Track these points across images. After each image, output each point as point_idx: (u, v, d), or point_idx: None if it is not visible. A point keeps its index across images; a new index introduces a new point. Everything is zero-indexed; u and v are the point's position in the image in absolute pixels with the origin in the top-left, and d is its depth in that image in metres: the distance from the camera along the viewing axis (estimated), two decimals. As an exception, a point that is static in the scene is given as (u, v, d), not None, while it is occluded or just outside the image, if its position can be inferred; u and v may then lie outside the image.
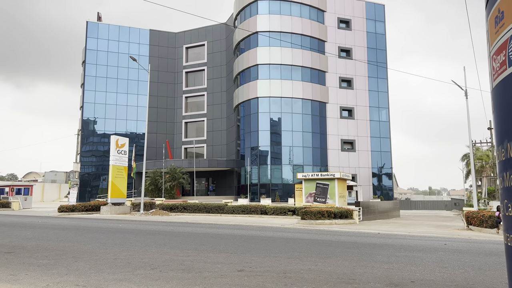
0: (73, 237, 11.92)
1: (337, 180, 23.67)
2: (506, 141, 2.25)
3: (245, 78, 40.57)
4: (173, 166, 40.43)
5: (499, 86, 2.37)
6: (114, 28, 50.54)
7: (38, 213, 27.53)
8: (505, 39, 2.31)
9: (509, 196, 2.24)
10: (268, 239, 11.79)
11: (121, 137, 29.42)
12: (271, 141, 38.40)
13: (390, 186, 42.61)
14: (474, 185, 24.22)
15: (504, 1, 2.35)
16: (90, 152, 49.01)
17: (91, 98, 48.34)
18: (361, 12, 43.29)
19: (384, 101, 42.75)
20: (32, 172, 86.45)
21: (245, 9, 41.08)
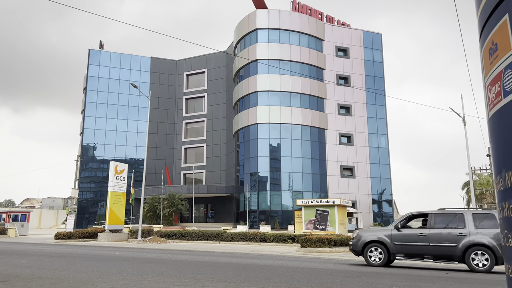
0: (69, 265, 11.73)
1: (337, 207, 23.51)
2: (504, 171, 2.25)
3: (244, 104, 40.93)
4: (172, 192, 40.21)
5: (495, 116, 2.39)
6: (116, 56, 51.36)
7: (34, 240, 27.17)
8: (499, 70, 2.35)
9: (508, 226, 2.23)
10: (267, 268, 11.60)
11: (120, 163, 29.37)
12: (271, 167, 38.36)
13: (390, 213, 42.27)
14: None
15: (498, 33, 2.41)
16: (88, 178, 48.84)
17: (91, 124, 48.59)
18: (358, 41, 44.14)
19: (383, 128, 42.99)
20: (29, 198, 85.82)
21: (245, 37, 41.90)
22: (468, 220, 11.77)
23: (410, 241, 12.04)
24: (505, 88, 2.27)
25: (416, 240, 11.97)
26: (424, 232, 12.03)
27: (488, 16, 2.54)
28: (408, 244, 12.09)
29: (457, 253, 11.51)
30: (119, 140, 49.18)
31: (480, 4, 2.65)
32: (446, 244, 11.69)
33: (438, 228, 12.00)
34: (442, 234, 11.85)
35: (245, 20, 42.13)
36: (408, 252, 12.08)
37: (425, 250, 11.88)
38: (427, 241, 11.89)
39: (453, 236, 11.66)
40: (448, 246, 11.65)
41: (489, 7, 2.50)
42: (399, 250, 12.20)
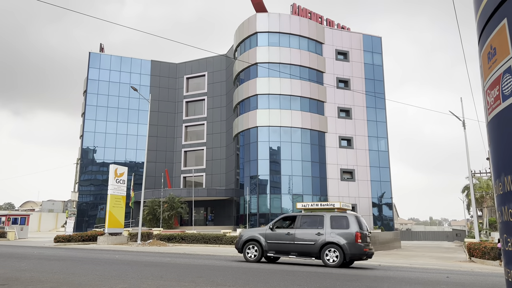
0: (68, 268, 11.70)
1: (337, 210, 23.44)
2: (503, 175, 2.25)
3: (244, 107, 40.96)
4: (172, 195, 40.18)
5: (494, 120, 2.40)
6: (116, 59, 51.45)
7: (34, 243, 27.12)
8: (498, 74, 2.36)
9: (508, 230, 2.23)
10: (267, 271, 11.58)
11: (120, 166, 29.39)
12: (271, 170, 38.34)
13: (390, 217, 42.21)
14: (475, 216, 24.02)
15: (496, 37, 2.42)
16: (88, 181, 48.82)
17: (91, 127, 48.61)
18: (358, 44, 44.22)
19: (383, 131, 43.00)
20: (29, 201, 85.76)
21: (245, 41, 41.98)
22: (326, 222, 13.44)
23: (280, 239, 13.59)
24: (504, 92, 2.28)
25: (284, 239, 13.53)
26: (291, 232, 13.68)
27: (486, 21, 2.55)
28: (278, 242, 13.63)
29: (315, 250, 13.11)
30: (119, 143, 49.18)
31: (478, 8, 2.66)
32: (307, 242, 13.31)
33: (303, 229, 13.69)
34: (304, 234, 13.50)
35: (245, 23, 42.23)
36: (278, 249, 13.63)
37: (291, 247, 13.48)
38: (293, 240, 13.50)
39: (313, 236, 13.30)
40: (308, 244, 13.26)
41: (487, 12, 2.51)
42: (271, 247, 13.72)
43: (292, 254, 13.58)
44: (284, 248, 13.54)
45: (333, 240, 12.94)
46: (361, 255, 13.02)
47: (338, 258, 12.80)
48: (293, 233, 13.61)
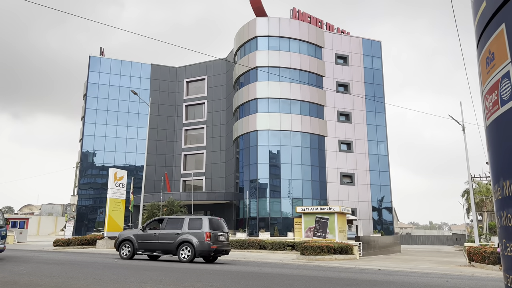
0: (67, 272, 11.67)
1: (336, 214, 23.44)
2: (502, 180, 2.25)
3: (244, 111, 40.99)
4: (171, 199, 40.11)
5: (492, 125, 2.40)
6: (116, 63, 51.52)
7: (33, 247, 27.04)
8: (497, 79, 2.36)
9: (507, 235, 2.22)
10: (266, 276, 11.54)
11: (119, 170, 29.33)
12: (270, 174, 38.31)
13: (390, 221, 42.15)
14: (475, 221, 23.99)
15: (494, 42, 2.42)
16: (88, 184, 48.76)
17: (91, 131, 48.60)
18: (358, 48, 44.33)
19: (383, 135, 43.02)
20: (28, 205, 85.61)
21: (245, 45, 42.07)
22: (185, 223, 15.39)
23: (148, 239, 15.52)
24: (502, 97, 2.28)
25: (151, 239, 15.38)
26: (156, 233, 15.66)
27: (485, 26, 2.56)
28: (146, 242, 15.57)
29: (173, 248, 15.10)
30: (119, 146, 49.17)
31: (476, 13, 2.67)
32: (168, 241, 15.24)
33: (166, 230, 15.61)
34: (167, 234, 15.43)
35: (245, 27, 42.34)
36: (146, 248, 15.53)
37: (156, 246, 15.39)
38: (157, 239, 15.43)
39: (173, 236, 15.26)
40: (169, 243, 15.20)
41: (485, 17, 2.51)
42: (140, 246, 15.65)
43: (157, 252, 15.47)
44: (151, 247, 15.41)
45: (187, 239, 14.98)
46: (209, 252, 14.96)
47: (190, 254, 14.81)
48: (158, 234, 15.63)
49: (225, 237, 15.92)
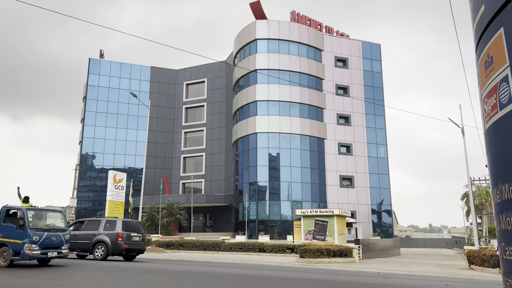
0: (66, 275, 11.64)
1: (336, 217, 23.44)
2: (501, 183, 2.25)
3: (244, 114, 41.01)
4: (171, 201, 40.08)
5: (491, 129, 2.40)
6: (116, 65, 51.57)
7: (31, 249, 26.90)
8: (495, 83, 2.37)
9: (506, 239, 2.22)
10: (265, 279, 11.52)
11: (119, 172, 29.35)
12: (270, 176, 38.29)
13: (390, 223, 42.11)
14: (474, 224, 23.98)
15: (493, 46, 2.43)
16: (87, 187, 48.70)
17: (90, 133, 48.58)
18: (357, 51, 44.40)
19: (382, 138, 43.04)
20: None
21: (245, 47, 42.13)
22: (102, 225, 17.22)
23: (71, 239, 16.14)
24: (501, 101, 2.29)
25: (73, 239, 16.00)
26: (77, 233, 17.20)
27: (483, 30, 2.57)
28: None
29: (90, 247, 16.87)
30: (118, 149, 49.14)
31: (475, 17, 2.68)
32: (85, 241, 16.95)
33: (86, 230, 17.41)
34: (85, 235, 17.16)
35: (245, 30, 42.41)
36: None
37: (76, 245, 16.86)
38: (78, 239, 16.94)
39: (90, 236, 17.03)
40: (86, 242, 16.94)
41: (484, 21, 2.52)
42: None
43: (77, 251, 17.13)
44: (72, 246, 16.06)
45: (102, 239, 16.71)
46: (121, 251, 16.72)
47: (103, 253, 16.57)
48: (78, 234, 17.22)
49: (140, 238, 17.62)
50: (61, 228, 13.82)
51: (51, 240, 13.09)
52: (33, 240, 12.49)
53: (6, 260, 12.58)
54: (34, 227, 12.73)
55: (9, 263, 12.54)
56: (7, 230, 12.82)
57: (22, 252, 12.33)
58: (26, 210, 12.92)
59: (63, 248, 13.64)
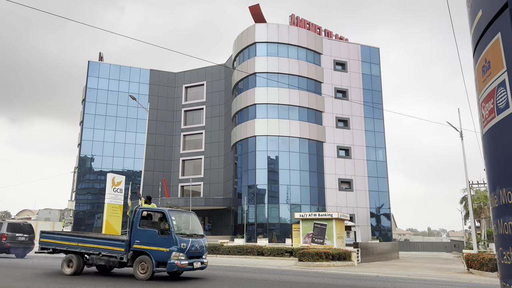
0: (64, 278, 11.60)
1: (335, 221, 23.42)
2: (498, 188, 2.26)
3: (243, 117, 41.02)
4: (169, 204, 39.99)
5: (489, 133, 2.41)
6: (115, 68, 51.59)
7: (29, 252, 26.82)
8: (493, 87, 2.37)
9: (503, 243, 2.22)
10: (264, 282, 11.50)
11: (117, 175, 29.26)
12: (269, 180, 38.26)
13: (388, 227, 42.08)
14: (473, 227, 23.99)
15: (490, 51, 2.44)
16: (85, 189, 48.61)
17: (89, 136, 48.54)
18: (356, 55, 44.51)
19: (381, 141, 43.08)
20: (26, 210, 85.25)
21: (244, 51, 42.20)
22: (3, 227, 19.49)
23: None
24: (498, 106, 2.29)
25: None
26: None
27: (481, 34, 2.58)
28: None
29: None
30: (117, 151, 49.08)
31: (473, 22, 2.69)
32: None
33: None
34: None
35: (244, 33, 42.50)
36: None
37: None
38: None
39: None
40: None
41: (482, 26, 2.53)
42: None
43: None
44: None
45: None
46: (5, 249, 19.29)
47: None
48: None
49: (26, 238, 20.14)
50: (200, 233, 12.02)
51: (196, 248, 11.33)
52: (181, 248, 10.72)
53: (147, 271, 10.76)
54: (178, 232, 10.99)
55: (150, 275, 10.71)
56: (146, 235, 10.99)
57: (170, 262, 10.49)
58: (168, 212, 11.28)
59: (204, 257, 11.82)
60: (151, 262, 10.67)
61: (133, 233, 11.18)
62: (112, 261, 11.33)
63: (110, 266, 11.67)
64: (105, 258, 11.44)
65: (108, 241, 11.71)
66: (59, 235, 13.03)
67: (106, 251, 11.43)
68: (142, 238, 10.97)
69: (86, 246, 11.86)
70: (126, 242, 11.20)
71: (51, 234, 13.42)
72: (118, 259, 11.14)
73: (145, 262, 10.81)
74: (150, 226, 11.22)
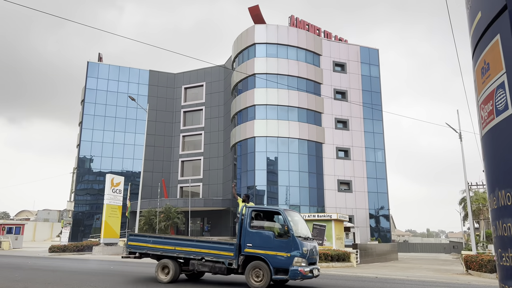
0: (62, 279, 11.58)
1: (334, 222, 23.42)
2: (497, 190, 2.26)
3: (242, 118, 41.03)
4: (168, 205, 39.98)
5: (488, 135, 2.41)
6: (114, 68, 51.57)
7: (28, 253, 26.83)
8: (492, 89, 2.38)
9: (502, 245, 2.23)
10: (263, 283, 11.46)
11: (116, 176, 29.28)
12: (268, 181, 38.26)
13: (387, 228, 42.08)
14: (472, 229, 24.01)
15: (489, 53, 2.44)
16: (84, 190, 48.56)
17: (88, 137, 48.50)
18: (355, 56, 44.55)
19: (380, 142, 43.11)
20: (24, 211, 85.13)
21: (243, 52, 42.22)
22: None
23: None
24: (497, 107, 2.30)
25: None
26: None
27: (480, 36, 2.58)
28: None
29: None
30: (116, 152, 49.02)
31: (472, 24, 2.69)
32: None
33: None
34: None
35: (243, 34, 42.51)
36: None
37: None
38: None
39: None
40: None
41: (481, 27, 2.54)
42: None
43: None
44: None
45: None
46: None
47: None
48: None
49: None
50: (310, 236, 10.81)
51: (313, 253, 10.15)
52: (303, 253, 9.49)
53: (262, 279, 9.46)
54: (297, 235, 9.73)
55: (267, 283, 9.44)
56: (260, 238, 9.81)
57: (293, 269, 9.23)
58: (284, 212, 10.09)
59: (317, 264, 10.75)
60: (267, 268, 9.42)
61: (244, 236, 9.94)
62: (218, 267, 10.10)
63: (216, 273, 10.28)
64: (209, 264, 10.20)
65: (213, 245, 10.57)
66: (152, 237, 11.92)
67: (211, 256, 10.19)
68: (255, 241, 9.75)
69: (185, 250, 10.69)
70: (235, 245, 10.05)
71: (142, 237, 12.22)
72: (226, 265, 9.93)
73: (259, 268, 9.51)
74: (262, 227, 10.04)
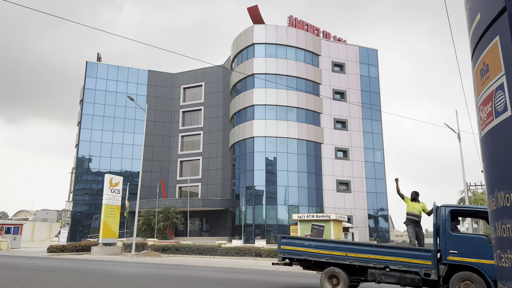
0: (61, 279, 11.56)
1: (332, 222, 23.42)
2: (496, 191, 2.26)
3: (241, 118, 41.02)
4: (167, 205, 39.94)
5: (487, 136, 2.42)
6: (113, 68, 51.50)
7: (27, 253, 26.79)
8: (491, 91, 2.38)
9: (501, 246, 2.23)
10: (262, 284, 11.49)
11: (115, 176, 29.23)
12: (266, 181, 38.25)
13: (386, 228, 42.12)
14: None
15: (489, 54, 2.45)
16: (83, 190, 48.48)
17: (87, 136, 48.42)
18: (354, 56, 44.58)
19: (379, 143, 43.13)
20: (23, 211, 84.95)
21: (242, 52, 42.21)
22: None
23: None
24: (497, 109, 2.30)
25: None
26: None
27: (479, 37, 2.59)
28: None
29: None
30: (115, 152, 48.96)
31: (471, 25, 2.70)
32: None
33: None
34: None
35: (242, 34, 42.51)
36: None
37: None
38: None
39: None
40: None
41: (480, 29, 2.54)
42: None
43: None
44: None
45: None
46: None
47: None
48: None
49: None
50: None
51: None
52: None
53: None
54: None
55: None
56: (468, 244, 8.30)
57: None
58: None
59: None
60: (482, 282, 7.82)
61: (446, 240, 8.44)
62: (409, 278, 8.60)
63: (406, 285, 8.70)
64: (396, 274, 8.74)
65: (402, 251, 9.04)
66: (313, 241, 10.28)
67: (399, 264, 8.73)
68: (462, 248, 8.24)
69: (362, 257, 9.21)
70: (433, 253, 8.51)
71: (299, 240, 10.78)
72: (422, 276, 8.42)
73: (471, 281, 7.95)
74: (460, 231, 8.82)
